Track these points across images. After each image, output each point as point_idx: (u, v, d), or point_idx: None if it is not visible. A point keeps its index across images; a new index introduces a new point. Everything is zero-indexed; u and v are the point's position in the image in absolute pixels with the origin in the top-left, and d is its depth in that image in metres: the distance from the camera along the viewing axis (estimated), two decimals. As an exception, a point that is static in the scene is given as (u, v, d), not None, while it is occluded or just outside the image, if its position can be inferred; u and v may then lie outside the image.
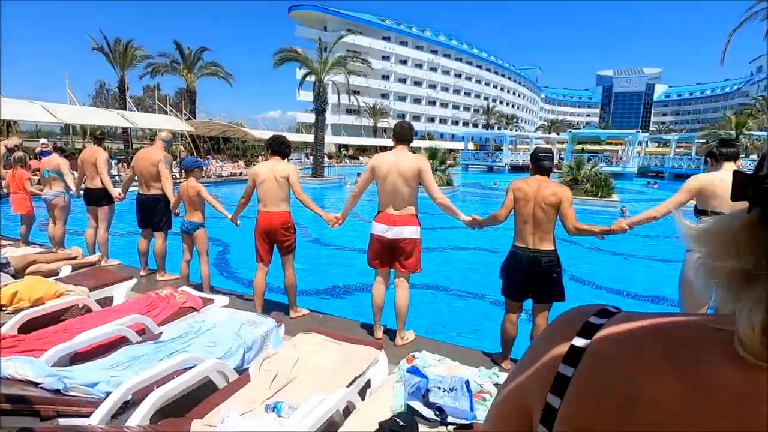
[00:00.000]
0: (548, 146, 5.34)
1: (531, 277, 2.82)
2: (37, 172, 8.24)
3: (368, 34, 52.33)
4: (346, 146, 45.62)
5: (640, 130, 34.89)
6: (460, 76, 70.16)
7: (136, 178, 4.65)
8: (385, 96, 58.60)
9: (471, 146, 41.45)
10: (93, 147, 5.13)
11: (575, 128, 64.79)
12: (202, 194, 3.96)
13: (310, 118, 54.94)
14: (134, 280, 3.74)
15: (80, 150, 18.98)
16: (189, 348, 2.44)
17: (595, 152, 33.96)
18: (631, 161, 30.94)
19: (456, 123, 70.46)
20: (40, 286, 2.91)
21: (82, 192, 5.21)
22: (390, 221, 3.13)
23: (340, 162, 39.30)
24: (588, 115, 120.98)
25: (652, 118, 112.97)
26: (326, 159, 28.73)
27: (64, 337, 2.60)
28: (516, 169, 34.58)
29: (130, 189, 5.06)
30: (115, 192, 4.90)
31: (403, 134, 3.22)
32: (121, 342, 2.55)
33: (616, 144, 41.34)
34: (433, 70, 65.93)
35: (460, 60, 70.18)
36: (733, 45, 21.26)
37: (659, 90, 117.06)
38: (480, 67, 74.24)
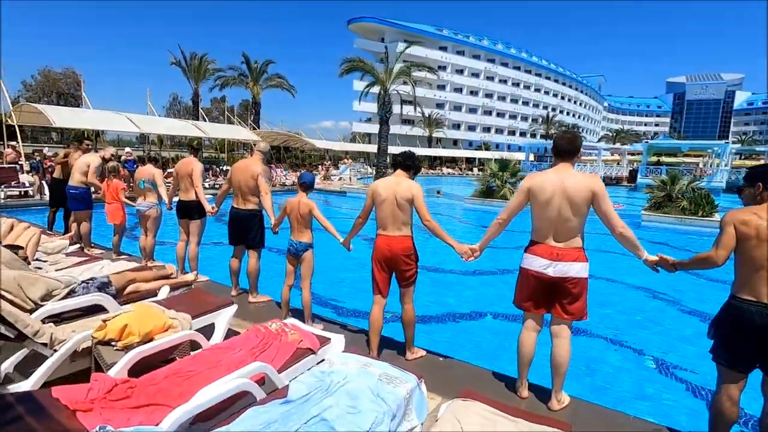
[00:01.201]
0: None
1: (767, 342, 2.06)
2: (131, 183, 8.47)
3: (425, 44, 52.08)
4: (401, 156, 45.13)
5: (729, 141, 31.50)
6: (518, 84, 68.02)
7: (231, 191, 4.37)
8: (440, 106, 57.96)
9: (531, 157, 39.69)
10: (189, 158, 4.94)
11: (642, 138, 60.44)
12: (315, 213, 3.54)
13: (366, 128, 56.00)
14: (235, 307, 3.38)
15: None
16: (328, 415, 1.94)
17: (672, 165, 31.10)
18: (718, 175, 27.93)
19: (513, 133, 68.24)
20: (150, 317, 2.57)
21: (174, 204, 5.04)
22: (552, 255, 2.50)
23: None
24: (656, 125, 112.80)
25: (732, 128, 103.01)
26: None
27: (176, 383, 2.22)
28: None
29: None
30: (209, 206, 4.65)
31: (568, 147, 2.59)
32: (242, 395, 2.12)
33: (695, 156, 37.80)
34: (490, 79, 64.41)
35: (519, 68, 68.10)
36: None
37: (741, 97, 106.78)
38: (539, 75, 71.60)
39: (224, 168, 19.66)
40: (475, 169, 47.60)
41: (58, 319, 2.92)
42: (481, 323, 5.10)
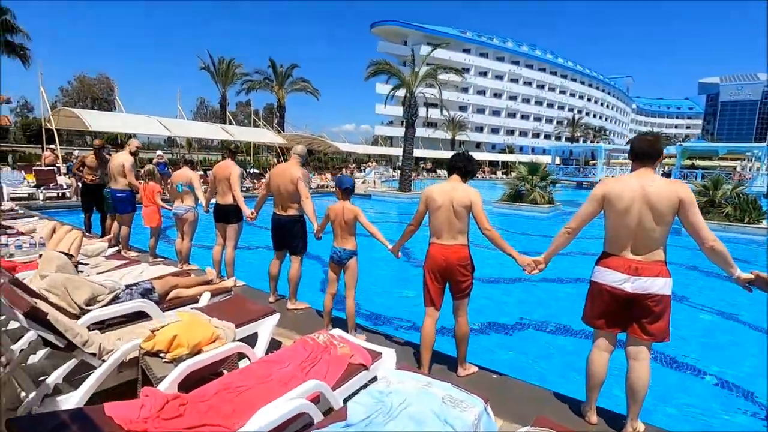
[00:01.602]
0: None
1: None
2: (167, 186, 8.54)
3: (448, 46, 51.71)
4: (423, 159, 44.96)
5: (770, 144, 29.98)
6: (543, 86, 66.79)
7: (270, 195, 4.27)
8: (463, 108, 57.39)
9: (557, 160, 38.73)
10: (226, 161, 4.88)
11: (672, 141, 58.28)
12: (360, 219, 3.40)
13: (388, 131, 55.92)
14: (278, 315, 3.25)
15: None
16: (394, 443, 1.78)
17: (707, 168, 29.80)
18: (758, 179, 26.60)
19: (537, 136, 66.99)
20: (198, 328, 2.46)
21: (211, 208, 4.99)
22: (630, 269, 2.27)
23: (418, 175, 38.77)
24: (688, 127, 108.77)
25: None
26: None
27: (227, 400, 2.10)
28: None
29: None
30: (248, 211, 4.56)
31: (649, 150, 2.36)
32: (298, 416, 1.97)
33: (732, 159, 36.18)
34: (514, 81, 63.45)
35: (544, 70, 66.88)
36: None
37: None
38: (565, 76, 70.12)
39: (251, 171, 19.85)
40: (499, 173, 46.90)
41: (102, 325, 2.86)
42: (528, 336, 4.84)
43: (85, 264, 4.31)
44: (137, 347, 2.38)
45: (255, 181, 17.57)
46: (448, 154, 47.28)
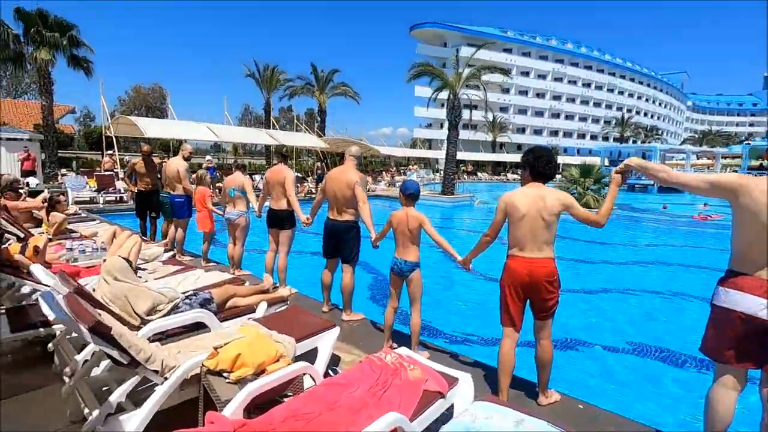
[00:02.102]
0: None
1: None
2: (218, 191, 8.66)
3: (489, 47, 50.66)
4: (464, 162, 44.17)
5: None
6: (589, 85, 63.99)
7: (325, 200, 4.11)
8: (504, 109, 55.99)
9: (606, 161, 36.81)
10: (280, 165, 4.78)
11: (733, 140, 53.99)
12: (426, 228, 3.15)
13: (427, 133, 55.47)
14: (338, 329, 3.06)
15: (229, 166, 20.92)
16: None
17: (778, 169, 27.20)
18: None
19: (582, 136, 64.24)
20: (262, 345, 2.29)
21: (264, 213, 4.90)
22: (770, 293, 1.87)
23: (458, 178, 38.08)
24: (751, 125, 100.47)
25: None
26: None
27: (295, 428, 1.90)
28: (666, 188, 29.60)
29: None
30: (303, 216, 4.42)
31: None
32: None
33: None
34: (558, 80, 61.20)
35: (590, 68, 64.09)
36: None
37: None
38: (613, 74, 66.85)
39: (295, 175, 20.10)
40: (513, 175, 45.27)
41: (162, 335, 2.77)
42: (613, 358, 4.34)
43: (144, 269, 4.33)
44: (199, 364, 2.23)
45: (298, 185, 17.77)
46: (488, 157, 46.25)
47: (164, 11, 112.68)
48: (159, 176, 7.03)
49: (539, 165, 2.63)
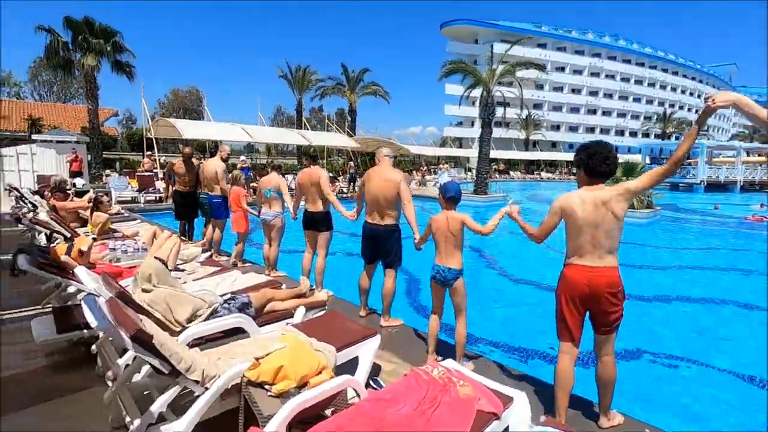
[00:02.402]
0: None
1: None
2: (252, 191, 8.71)
3: (523, 43, 49.32)
4: (495, 160, 43.30)
5: None
6: (627, 79, 61.29)
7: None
8: (537, 106, 54.47)
9: (647, 159, 35.06)
10: (313, 167, 4.69)
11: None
12: (468, 223, 2.94)
13: (457, 132, 54.72)
14: (379, 337, 2.92)
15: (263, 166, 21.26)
16: None
17: None
18: None
19: (621, 133, 61.66)
20: (304, 356, 2.19)
21: (299, 214, 4.84)
22: None
23: (490, 177, 37.32)
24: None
25: None
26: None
27: (341, 448, 1.77)
28: (714, 186, 27.93)
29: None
30: (347, 212, 4.31)
31: None
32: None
33: None
34: (595, 75, 58.93)
35: (629, 62, 61.37)
36: None
37: None
38: (654, 67, 63.74)
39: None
40: (547, 174, 43.75)
41: (201, 340, 2.72)
42: (680, 373, 4.01)
43: (182, 269, 4.35)
44: (240, 374, 2.15)
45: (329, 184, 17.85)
46: (521, 155, 45.07)
47: (198, 11, 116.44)
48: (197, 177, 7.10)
49: (594, 163, 2.36)
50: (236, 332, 2.89)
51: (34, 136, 17.41)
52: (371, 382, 2.83)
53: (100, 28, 18.15)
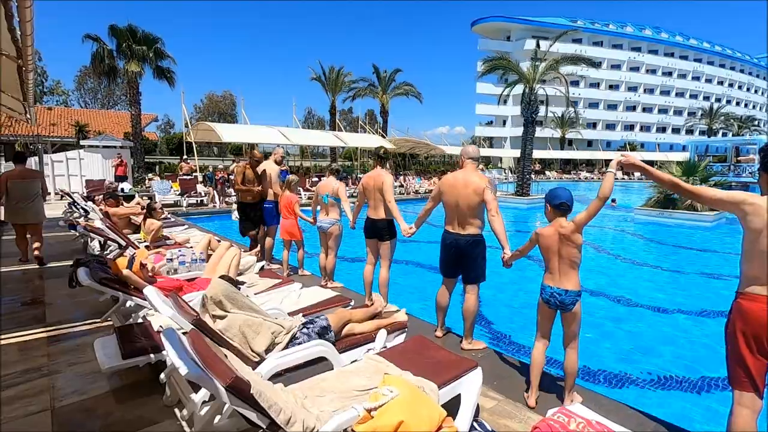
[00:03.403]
0: None
1: None
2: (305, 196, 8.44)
3: (561, 39, 47.71)
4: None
5: None
6: (670, 74, 58.27)
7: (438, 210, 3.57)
8: (573, 103, 52.48)
9: (695, 157, 33.01)
10: (377, 170, 4.29)
11: None
12: (580, 223, 2.49)
13: (487, 131, 53.57)
14: (480, 371, 2.51)
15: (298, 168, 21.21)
16: None
17: None
18: None
19: (662, 130, 58.75)
20: (423, 407, 1.79)
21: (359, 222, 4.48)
22: None
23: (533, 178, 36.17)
24: None
25: None
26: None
27: None
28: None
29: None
30: (405, 225, 3.94)
31: None
32: None
33: None
34: (635, 69, 56.33)
35: (672, 55, 58.33)
36: None
37: None
38: (699, 60, 60.31)
39: (358, 176, 19.99)
40: (618, 172, 41.76)
41: (281, 373, 2.39)
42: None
43: (242, 283, 4.07)
44: (345, 426, 1.78)
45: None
46: (556, 154, 43.54)
47: (226, 12, 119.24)
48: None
49: None
50: (315, 361, 2.54)
51: (82, 142, 17.97)
52: (476, 425, 2.41)
53: (143, 35, 18.57)
